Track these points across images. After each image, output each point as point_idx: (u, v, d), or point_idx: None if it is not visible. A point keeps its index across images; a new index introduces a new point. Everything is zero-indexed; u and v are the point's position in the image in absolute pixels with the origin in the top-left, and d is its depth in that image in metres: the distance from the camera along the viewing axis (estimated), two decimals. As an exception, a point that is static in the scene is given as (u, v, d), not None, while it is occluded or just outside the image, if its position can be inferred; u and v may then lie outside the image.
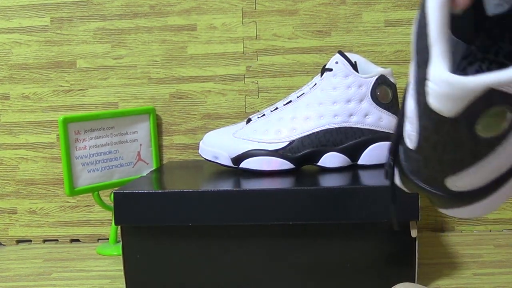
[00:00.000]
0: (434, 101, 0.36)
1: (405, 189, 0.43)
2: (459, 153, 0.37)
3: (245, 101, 0.95)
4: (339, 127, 0.77)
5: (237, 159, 0.78)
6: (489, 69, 0.43)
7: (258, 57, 0.94)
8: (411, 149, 0.39)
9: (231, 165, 0.78)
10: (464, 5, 0.37)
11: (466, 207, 0.40)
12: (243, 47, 0.93)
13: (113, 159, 0.90)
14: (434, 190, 0.40)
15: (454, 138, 0.36)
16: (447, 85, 0.34)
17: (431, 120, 0.36)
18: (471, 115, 0.35)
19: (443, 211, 0.41)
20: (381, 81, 0.77)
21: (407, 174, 0.41)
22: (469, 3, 0.37)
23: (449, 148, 0.37)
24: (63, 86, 0.96)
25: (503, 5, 0.38)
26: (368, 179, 0.71)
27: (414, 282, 0.68)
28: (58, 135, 0.95)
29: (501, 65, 0.43)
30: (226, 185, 0.72)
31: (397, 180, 0.42)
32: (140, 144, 0.93)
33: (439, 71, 0.35)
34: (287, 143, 0.76)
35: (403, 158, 0.40)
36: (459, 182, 0.39)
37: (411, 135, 0.39)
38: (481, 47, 0.43)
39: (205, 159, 0.81)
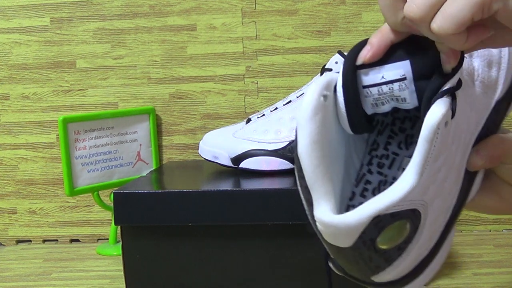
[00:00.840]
0: (327, 238, 0.36)
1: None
2: (371, 262, 0.37)
3: (244, 101, 0.95)
4: (339, 127, 0.77)
5: (237, 159, 0.78)
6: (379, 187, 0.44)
7: (258, 57, 0.94)
8: (331, 256, 0.40)
9: (231, 165, 0.78)
10: (373, 58, 0.38)
11: None
12: (243, 47, 0.94)
13: (113, 159, 0.90)
14: (367, 285, 0.41)
15: (360, 256, 0.37)
16: (332, 227, 0.35)
17: (332, 247, 0.37)
18: (367, 240, 0.35)
19: None
20: (381, 81, 0.77)
21: (339, 269, 0.41)
22: (378, 55, 0.38)
23: (360, 261, 0.37)
24: (63, 86, 0.96)
25: (379, 106, 0.39)
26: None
27: (413, 282, 0.68)
28: (58, 135, 0.94)
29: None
30: (226, 185, 0.72)
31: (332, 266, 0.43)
32: (140, 144, 0.93)
33: (321, 214, 0.35)
34: (287, 143, 0.76)
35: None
36: (382, 278, 0.39)
37: (326, 246, 0.39)
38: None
39: (205, 159, 0.81)
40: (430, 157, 0.36)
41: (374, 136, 0.44)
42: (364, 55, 0.38)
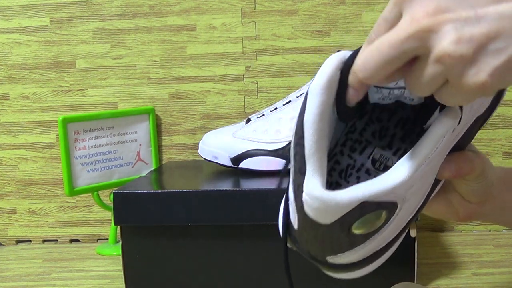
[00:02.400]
0: (308, 211, 0.36)
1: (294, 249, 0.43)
2: (336, 243, 0.38)
3: (244, 101, 0.95)
4: (339, 127, 0.77)
5: (237, 159, 0.78)
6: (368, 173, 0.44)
7: (258, 57, 0.94)
8: (294, 228, 0.40)
9: (231, 165, 0.78)
10: (356, 101, 0.37)
11: (345, 273, 0.41)
12: (243, 47, 0.94)
13: (113, 159, 0.90)
14: (316, 262, 0.41)
15: (331, 236, 0.37)
16: (320, 202, 0.34)
17: (307, 221, 0.36)
18: (346, 222, 0.35)
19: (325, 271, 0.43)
20: (381, 81, 0.77)
21: (294, 241, 0.41)
22: (359, 98, 0.37)
23: (326, 240, 0.37)
24: (63, 86, 0.96)
25: (385, 100, 0.40)
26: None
27: (413, 281, 0.68)
28: (58, 135, 0.95)
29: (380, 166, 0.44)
30: (226, 185, 0.72)
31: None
32: (140, 144, 0.93)
33: (313, 187, 0.35)
34: (287, 143, 0.76)
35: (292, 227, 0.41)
36: (338, 260, 0.39)
37: (293, 216, 0.39)
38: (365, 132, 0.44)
39: (205, 159, 0.81)
40: (429, 157, 0.36)
41: (355, 119, 0.44)
42: (351, 99, 0.38)
